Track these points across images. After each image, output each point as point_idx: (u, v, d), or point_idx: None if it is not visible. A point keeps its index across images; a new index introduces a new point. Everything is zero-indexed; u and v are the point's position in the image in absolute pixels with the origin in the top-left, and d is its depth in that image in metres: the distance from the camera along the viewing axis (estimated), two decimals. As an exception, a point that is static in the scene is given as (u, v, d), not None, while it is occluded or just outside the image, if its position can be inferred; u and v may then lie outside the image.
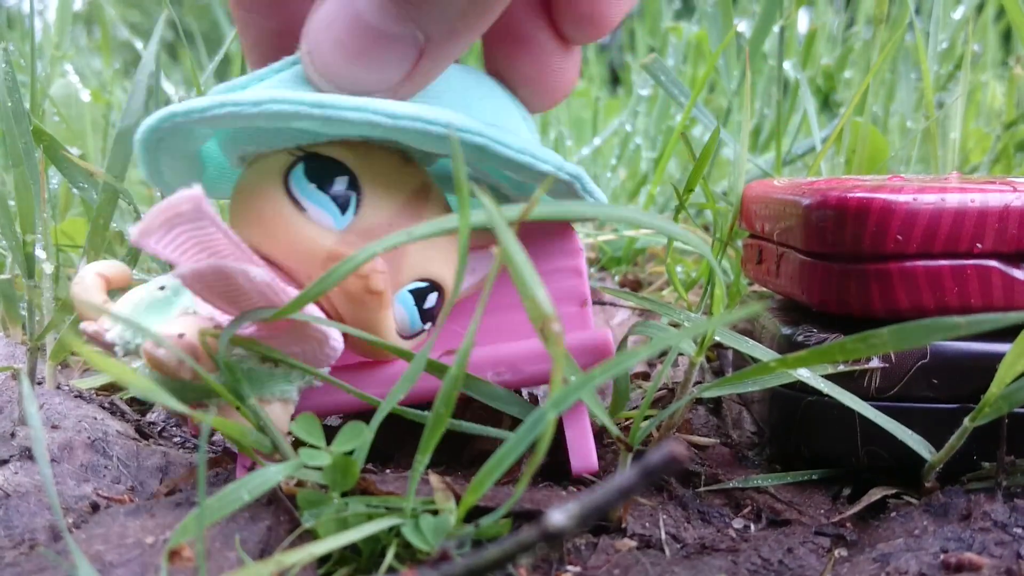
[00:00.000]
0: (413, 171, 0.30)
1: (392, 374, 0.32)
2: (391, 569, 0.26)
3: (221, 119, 0.26)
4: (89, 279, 0.31)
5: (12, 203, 0.44)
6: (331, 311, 0.29)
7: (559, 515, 0.19)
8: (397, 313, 0.30)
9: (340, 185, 0.28)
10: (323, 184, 0.28)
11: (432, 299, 0.31)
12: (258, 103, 0.25)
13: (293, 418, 0.29)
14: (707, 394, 0.33)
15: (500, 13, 0.27)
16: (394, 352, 0.29)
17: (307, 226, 0.28)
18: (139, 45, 0.99)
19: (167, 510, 0.29)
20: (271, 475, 0.25)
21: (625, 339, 0.35)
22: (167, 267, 0.48)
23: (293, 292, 0.26)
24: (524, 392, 0.39)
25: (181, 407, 0.24)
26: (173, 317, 0.28)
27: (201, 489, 0.23)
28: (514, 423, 0.32)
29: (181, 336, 0.26)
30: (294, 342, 0.28)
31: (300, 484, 0.29)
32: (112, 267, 0.32)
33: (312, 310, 0.27)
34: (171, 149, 0.29)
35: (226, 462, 0.35)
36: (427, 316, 0.31)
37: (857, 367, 0.33)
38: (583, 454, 0.33)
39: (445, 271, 0.31)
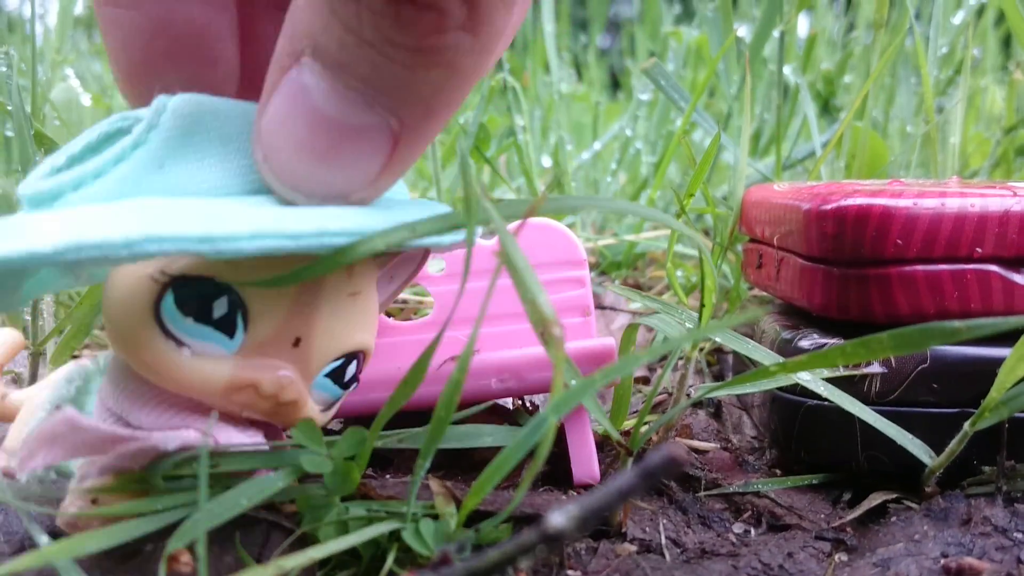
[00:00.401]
0: (298, 259, 0.25)
1: (394, 379, 0.32)
2: (391, 573, 0.26)
3: (78, 262, 0.20)
4: None
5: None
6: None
7: (559, 517, 0.19)
8: (317, 397, 0.27)
9: (220, 309, 0.24)
10: (201, 314, 0.24)
11: (352, 368, 0.28)
12: (129, 243, 0.20)
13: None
14: (707, 396, 0.33)
15: (477, 82, 0.24)
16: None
17: (196, 363, 0.24)
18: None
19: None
20: (271, 481, 0.25)
21: (633, 334, 0.35)
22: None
23: (141, 436, 0.24)
24: (525, 400, 0.39)
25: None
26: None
27: (203, 493, 0.23)
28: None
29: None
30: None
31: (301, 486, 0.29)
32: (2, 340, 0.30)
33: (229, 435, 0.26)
34: None
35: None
36: (350, 383, 0.28)
37: (857, 372, 0.33)
38: (585, 463, 0.33)
39: (361, 336, 0.28)
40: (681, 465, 0.19)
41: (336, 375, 0.27)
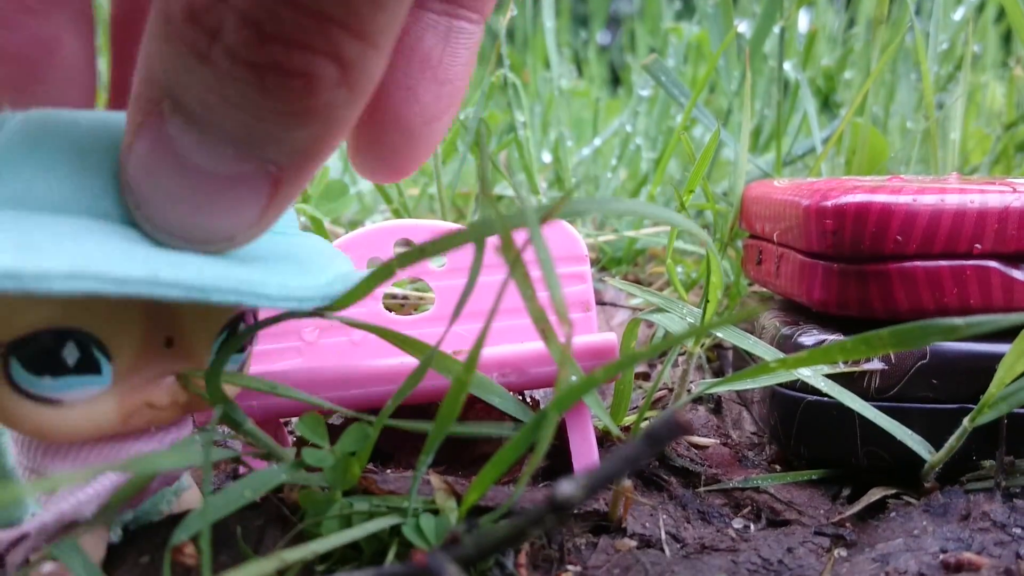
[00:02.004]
0: None
1: (399, 374, 0.32)
2: (392, 568, 0.26)
3: None
4: None
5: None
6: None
7: (567, 485, 0.20)
8: None
9: (71, 355, 0.23)
10: (56, 368, 0.22)
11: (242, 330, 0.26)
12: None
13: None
14: (707, 392, 0.33)
15: (351, 128, 0.22)
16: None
17: (78, 413, 0.23)
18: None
19: None
20: (274, 474, 0.25)
21: (635, 329, 0.35)
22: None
23: (47, 517, 0.23)
24: (526, 395, 0.39)
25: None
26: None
27: (207, 483, 0.23)
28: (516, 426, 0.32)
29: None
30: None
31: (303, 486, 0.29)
32: None
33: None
34: None
35: (224, 463, 0.36)
36: (247, 345, 0.27)
37: (857, 368, 0.33)
38: (586, 458, 0.33)
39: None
40: (686, 429, 0.19)
41: (228, 346, 0.26)
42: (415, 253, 0.23)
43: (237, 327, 0.26)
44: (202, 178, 0.21)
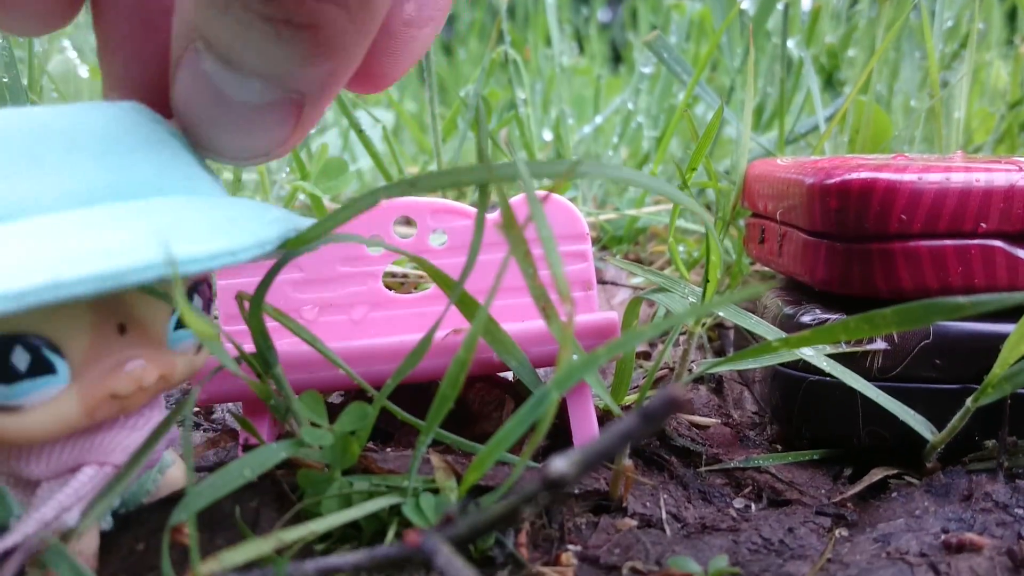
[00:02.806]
0: None
1: (396, 352, 0.32)
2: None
3: None
4: None
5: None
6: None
7: (560, 462, 0.19)
8: (184, 348, 0.26)
9: (22, 359, 0.22)
10: (7, 376, 0.22)
11: (197, 303, 0.26)
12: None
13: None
14: (708, 372, 0.33)
15: (366, 47, 0.24)
16: None
17: (41, 415, 0.23)
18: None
19: None
20: (273, 453, 0.25)
21: (637, 308, 0.34)
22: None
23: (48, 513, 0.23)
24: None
25: None
26: None
27: (189, 469, 0.22)
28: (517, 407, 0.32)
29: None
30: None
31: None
32: None
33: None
34: None
35: (224, 440, 0.35)
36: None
37: (861, 348, 0.33)
38: (587, 437, 0.33)
39: None
40: (681, 405, 0.18)
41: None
42: (375, 193, 0.23)
43: (192, 301, 0.26)
44: (235, 106, 0.24)
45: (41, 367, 0.22)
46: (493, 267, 0.31)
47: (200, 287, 0.26)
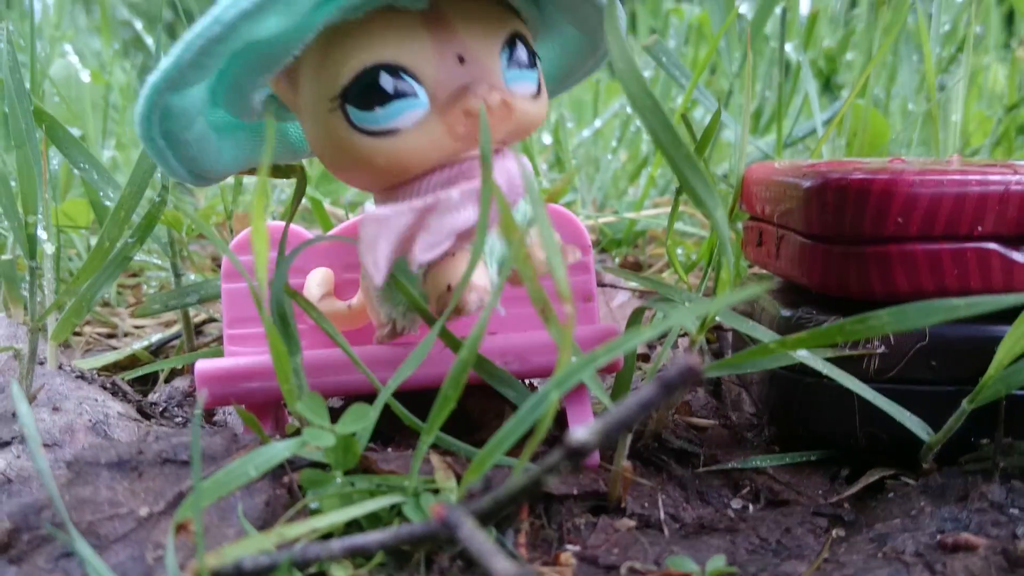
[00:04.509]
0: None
1: (398, 357, 0.32)
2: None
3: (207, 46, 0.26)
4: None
5: (14, 183, 0.44)
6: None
7: (582, 431, 0.20)
8: (521, 91, 0.30)
9: (387, 83, 0.28)
10: (382, 98, 0.28)
11: (520, 48, 0.30)
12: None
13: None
14: (707, 374, 0.33)
15: None
16: None
17: (414, 134, 0.29)
18: (138, 25, 0.99)
19: (154, 468, 0.29)
20: (278, 451, 0.26)
21: (639, 316, 0.35)
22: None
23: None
24: (526, 383, 0.39)
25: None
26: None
27: (196, 472, 0.23)
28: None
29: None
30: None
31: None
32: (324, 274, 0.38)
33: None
34: (175, 121, 0.29)
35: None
36: (533, 60, 0.31)
37: (858, 352, 0.33)
38: None
39: (505, 15, 0.30)
40: (698, 374, 0.19)
41: (516, 61, 0.30)
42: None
43: (516, 44, 0.30)
44: None
45: (406, 89, 0.28)
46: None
47: (520, 36, 0.31)
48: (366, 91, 0.28)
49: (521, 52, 0.30)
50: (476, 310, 0.29)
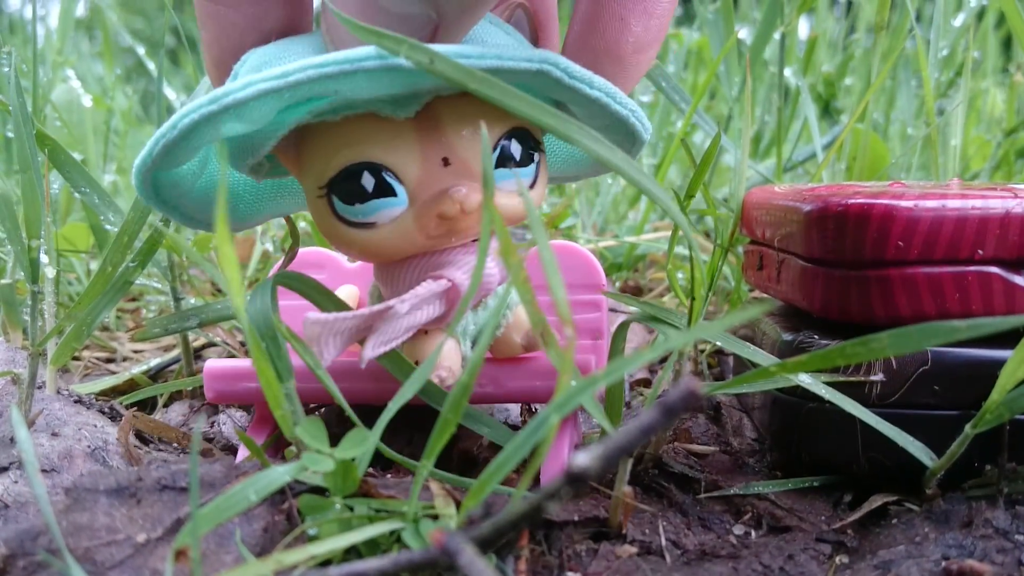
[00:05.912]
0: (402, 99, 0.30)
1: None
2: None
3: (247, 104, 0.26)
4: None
5: (18, 207, 0.44)
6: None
7: (583, 457, 0.19)
8: (508, 188, 0.31)
9: (369, 181, 0.29)
10: (362, 195, 0.29)
11: (515, 145, 0.31)
12: (285, 74, 0.26)
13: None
14: (707, 394, 0.33)
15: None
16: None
17: (389, 230, 0.30)
18: (141, 51, 0.99)
19: (153, 495, 0.29)
20: (277, 476, 0.25)
21: (624, 330, 0.34)
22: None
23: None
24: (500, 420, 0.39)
25: None
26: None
27: (193, 500, 0.23)
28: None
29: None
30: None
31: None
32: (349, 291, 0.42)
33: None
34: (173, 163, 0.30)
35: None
36: (529, 157, 0.32)
37: (858, 378, 0.33)
38: (554, 471, 0.33)
39: (500, 113, 0.30)
40: (699, 397, 0.19)
41: (505, 158, 0.30)
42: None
43: (511, 141, 0.30)
44: (379, 11, 0.27)
45: (385, 190, 0.29)
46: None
47: (518, 133, 0.31)
48: (348, 187, 0.30)
49: (514, 149, 0.31)
50: (448, 386, 0.30)
